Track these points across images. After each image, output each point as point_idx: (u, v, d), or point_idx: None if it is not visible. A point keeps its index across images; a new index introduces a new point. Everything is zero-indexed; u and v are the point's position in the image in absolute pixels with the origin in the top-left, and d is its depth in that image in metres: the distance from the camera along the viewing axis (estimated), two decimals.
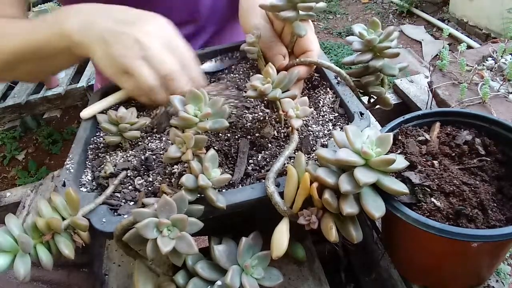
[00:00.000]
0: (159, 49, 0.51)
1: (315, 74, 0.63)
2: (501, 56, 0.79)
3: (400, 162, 0.41)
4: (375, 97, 0.61)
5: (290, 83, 0.51)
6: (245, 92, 0.54)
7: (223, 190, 0.46)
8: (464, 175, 0.45)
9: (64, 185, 0.49)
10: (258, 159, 0.50)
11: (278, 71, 0.50)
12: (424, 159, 0.47)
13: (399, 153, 0.47)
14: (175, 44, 0.53)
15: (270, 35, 0.58)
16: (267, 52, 0.58)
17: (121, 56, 0.50)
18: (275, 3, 0.53)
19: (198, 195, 0.43)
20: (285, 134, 0.53)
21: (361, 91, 0.60)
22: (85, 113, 0.60)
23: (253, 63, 0.68)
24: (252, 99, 0.58)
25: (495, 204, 0.42)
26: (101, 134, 0.60)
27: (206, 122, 0.45)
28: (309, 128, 0.53)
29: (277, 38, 0.58)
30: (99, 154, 0.56)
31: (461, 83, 0.72)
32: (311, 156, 0.49)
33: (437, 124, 0.51)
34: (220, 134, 0.53)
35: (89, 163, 0.55)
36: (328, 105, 0.57)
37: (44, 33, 0.56)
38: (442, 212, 0.41)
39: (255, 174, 0.48)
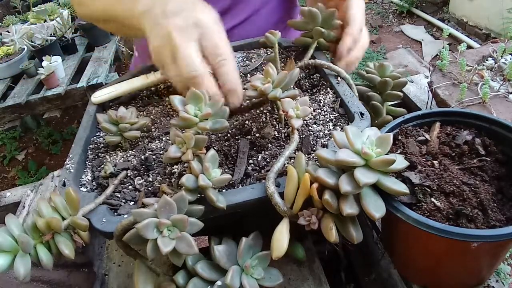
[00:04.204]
0: (189, 51, 0.49)
1: (316, 74, 0.63)
2: (501, 56, 0.79)
3: (400, 162, 0.41)
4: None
5: (291, 83, 0.51)
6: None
7: (223, 190, 0.46)
8: (464, 175, 0.45)
9: (64, 185, 0.49)
10: (258, 159, 0.49)
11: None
12: (424, 159, 0.47)
13: (399, 153, 0.47)
14: (213, 44, 0.50)
15: None
16: None
17: (159, 49, 0.50)
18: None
19: (198, 195, 0.43)
20: (286, 134, 0.52)
21: None
22: (97, 98, 0.59)
23: None
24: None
25: (495, 204, 0.42)
26: (101, 134, 0.60)
27: (207, 122, 0.45)
28: (310, 128, 0.53)
29: None
30: (99, 154, 0.56)
31: (461, 83, 0.72)
32: (311, 156, 0.49)
33: (437, 124, 0.51)
34: (220, 134, 0.53)
35: (89, 163, 0.55)
36: (329, 105, 0.57)
37: (122, 8, 0.58)
38: (442, 212, 0.41)
39: (255, 174, 0.48)
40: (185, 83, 0.50)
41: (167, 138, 0.56)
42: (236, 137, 0.53)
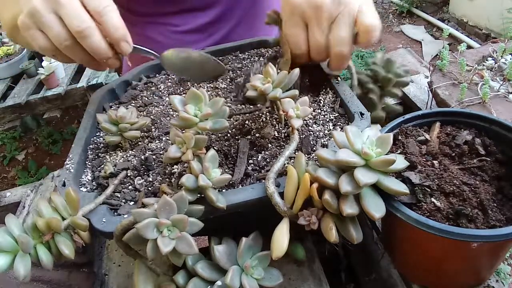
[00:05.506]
0: (74, 5, 0.48)
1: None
2: (501, 56, 0.79)
3: (400, 162, 0.41)
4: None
5: (291, 83, 0.51)
6: None
7: (223, 190, 0.46)
8: (464, 175, 0.45)
9: (64, 185, 0.49)
10: (258, 159, 0.49)
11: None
12: (424, 159, 0.47)
13: (399, 153, 0.47)
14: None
15: None
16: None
17: (35, 11, 0.48)
18: None
19: (198, 195, 0.43)
20: (285, 134, 0.52)
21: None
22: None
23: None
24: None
25: (495, 204, 0.42)
26: (101, 134, 0.60)
27: (207, 122, 0.45)
28: (310, 128, 0.53)
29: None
30: (99, 154, 0.56)
31: (461, 83, 0.72)
32: (311, 156, 0.49)
33: (437, 124, 0.51)
34: (220, 134, 0.53)
35: (89, 163, 0.55)
36: (329, 105, 0.57)
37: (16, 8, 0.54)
38: (442, 212, 0.41)
39: (255, 174, 0.48)
40: (69, 44, 0.49)
41: (167, 138, 0.56)
42: (236, 137, 0.53)
